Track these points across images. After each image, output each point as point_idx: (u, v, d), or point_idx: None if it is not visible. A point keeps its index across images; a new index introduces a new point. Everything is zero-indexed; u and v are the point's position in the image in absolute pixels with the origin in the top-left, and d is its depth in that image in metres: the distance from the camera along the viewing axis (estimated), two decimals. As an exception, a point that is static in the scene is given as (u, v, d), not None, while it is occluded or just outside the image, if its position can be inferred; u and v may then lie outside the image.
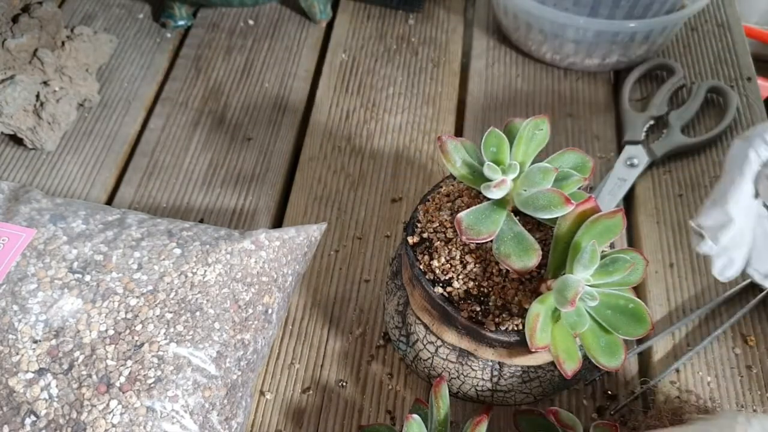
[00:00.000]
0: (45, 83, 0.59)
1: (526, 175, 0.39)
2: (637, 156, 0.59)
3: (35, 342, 0.39)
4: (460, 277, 0.40)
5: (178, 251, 0.43)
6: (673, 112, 0.62)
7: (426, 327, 0.42)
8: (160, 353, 0.39)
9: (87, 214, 0.46)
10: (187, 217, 0.56)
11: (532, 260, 0.37)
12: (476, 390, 0.43)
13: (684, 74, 0.66)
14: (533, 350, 0.35)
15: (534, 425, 0.42)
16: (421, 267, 0.41)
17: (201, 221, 0.56)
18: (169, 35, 0.71)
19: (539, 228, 0.41)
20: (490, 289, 0.40)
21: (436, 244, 0.41)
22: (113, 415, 0.38)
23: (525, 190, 0.38)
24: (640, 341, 0.50)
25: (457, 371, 0.42)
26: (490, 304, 0.39)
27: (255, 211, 0.57)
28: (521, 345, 0.39)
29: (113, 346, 0.39)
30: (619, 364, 0.36)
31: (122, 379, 0.38)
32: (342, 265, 0.54)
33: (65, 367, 0.39)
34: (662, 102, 0.63)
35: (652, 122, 0.62)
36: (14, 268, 0.42)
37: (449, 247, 0.41)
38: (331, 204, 0.58)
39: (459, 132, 0.63)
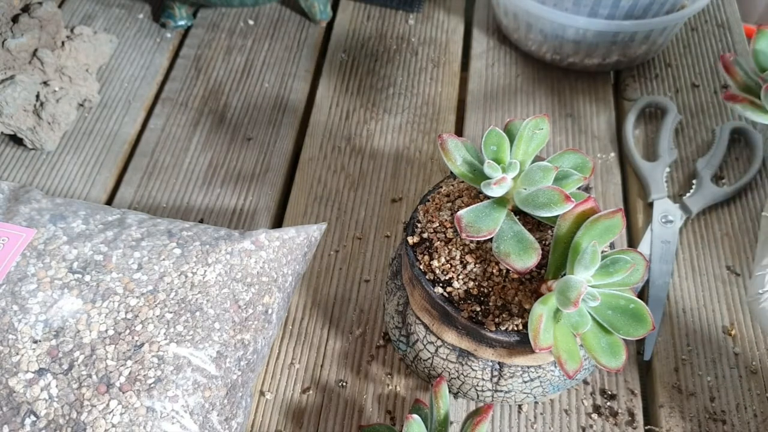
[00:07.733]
0: (45, 83, 0.59)
1: (526, 173, 0.39)
2: (670, 212, 0.56)
3: (35, 342, 0.39)
4: (460, 277, 0.40)
5: (178, 251, 0.43)
6: (700, 160, 0.59)
7: (426, 327, 0.42)
8: (160, 353, 0.39)
9: (87, 214, 0.46)
10: (187, 217, 0.56)
11: (532, 259, 0.37)
12: (476, 390, 0.43)
13: (677, 108, 0.62)
14: (537, 351, 0.35)
15: None
16: (421, 267, 0.41)
17: (201, 221, 0.56)
18: (169, 35, 0.71)
19: (539, 228, 0.41)
20: (490, 289, 0.40)
21: (436, 244, 0.41)
22: (113, 415, 0.38)
23: (525, 189, 0.38)
24: (640, 342, 0.50)
25: (457, 371, 0.42)
26: (490, 304, 0.39)
27: (255, 211, 0.57)
28: (521, 345, 0.39)
29: (113, 346, 0.39)
30: (620, 364, 0.36)
31: (122, 379, 0.38)
32: (342, 265, 0.54)
33: (65, 367, 0.39)
34: (669, 145, 0.60)
35: (668, 169, 0.59)
36: (14, 268, 0.42)
37: (449, 247, 0.41)
38: (331, 204, 0.58)
39: (459, 132, 0.63)
